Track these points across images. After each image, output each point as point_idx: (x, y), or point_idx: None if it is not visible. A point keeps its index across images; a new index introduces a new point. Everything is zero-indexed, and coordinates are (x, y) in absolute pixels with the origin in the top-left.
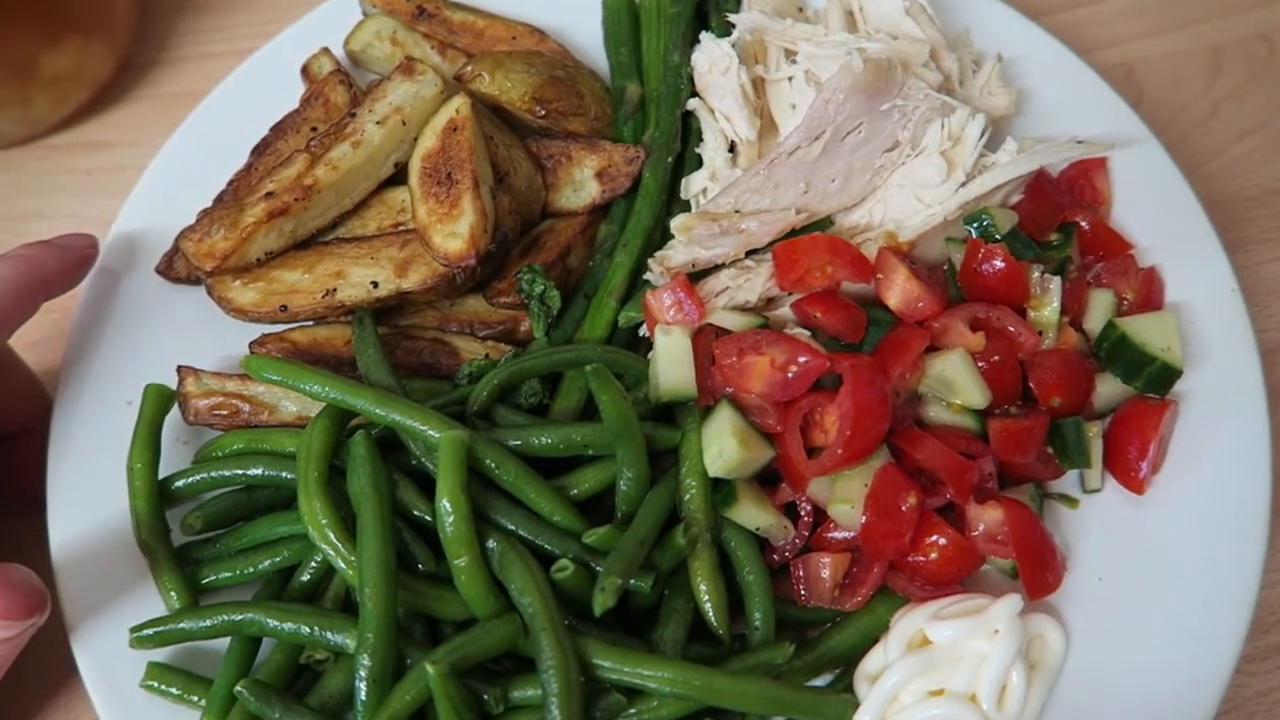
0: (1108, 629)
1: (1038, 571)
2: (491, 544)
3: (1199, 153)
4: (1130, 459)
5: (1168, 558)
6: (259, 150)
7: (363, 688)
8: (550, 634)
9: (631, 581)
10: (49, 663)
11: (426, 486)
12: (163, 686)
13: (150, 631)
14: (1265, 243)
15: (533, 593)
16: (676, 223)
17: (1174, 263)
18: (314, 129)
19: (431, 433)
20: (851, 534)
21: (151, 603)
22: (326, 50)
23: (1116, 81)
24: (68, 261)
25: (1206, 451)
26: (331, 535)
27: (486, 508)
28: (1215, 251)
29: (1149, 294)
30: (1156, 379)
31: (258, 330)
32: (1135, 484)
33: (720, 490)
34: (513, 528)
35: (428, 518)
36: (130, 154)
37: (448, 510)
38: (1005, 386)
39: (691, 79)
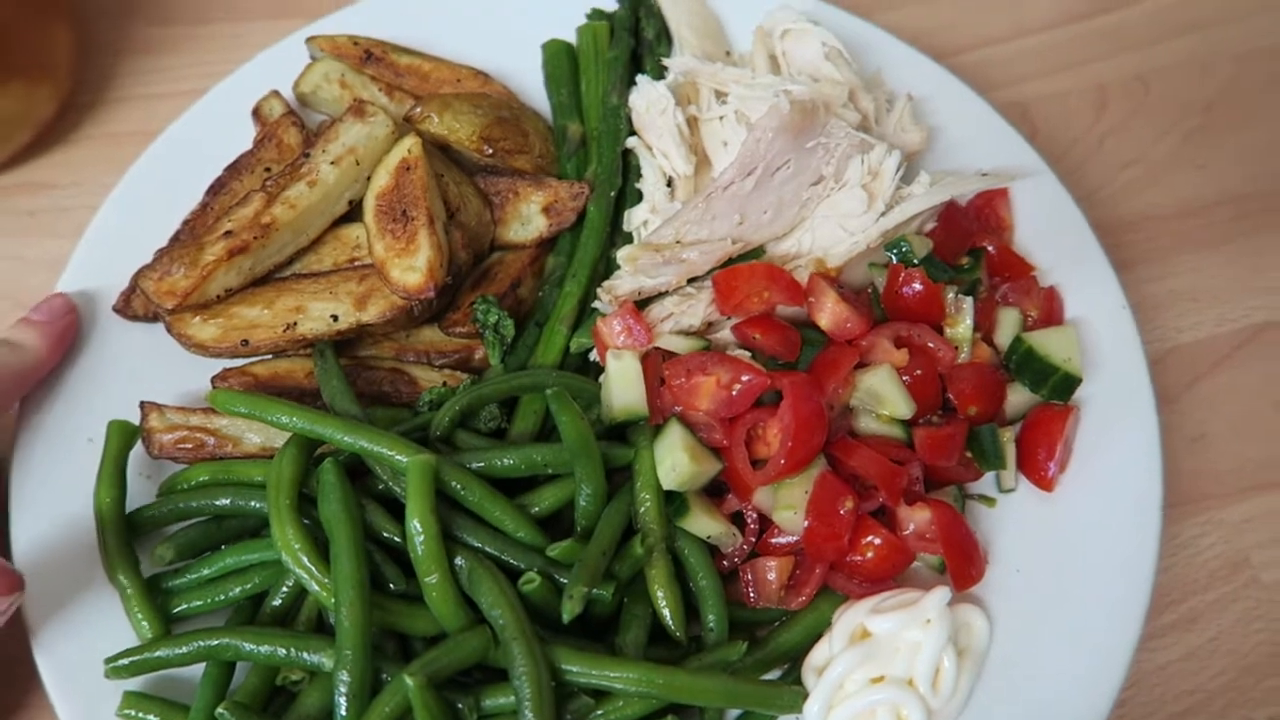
0: (1026, 615)
1: (963, 565)
2: (460, 561)
3: (1088, 182)
4: (1040, 460)
5: (1075, 549)
6: (214, 190)
7: (343, 703)
8: (522, 642)
9: (595, 591)
10: (22, 699)
11: (394, 509)
12: (140, 715)
13: (126, 661)
14: (1148, 262)
15: (503, 605)
16: (622, 254)
17: (1071, 282)
18: (268, 169)
19: (399, 457)
20: (794, 538)
21: (124, 634)
22: (276, 93)
23: (1014, 117)
24: (53, 339)
25: (1105, 451)
26: (305, 559)
27: (453, 527)
28: (1106, 271)
29: (1050, 310)
30: (1060, 387)
31: (217, 365)
32: (1045, 482)
33: (673, 502)
34: (479, 545)
35: (397, 539)
36: (73, 194)
37: (418, 530)
38: (928, 397)
39: (629, 119)
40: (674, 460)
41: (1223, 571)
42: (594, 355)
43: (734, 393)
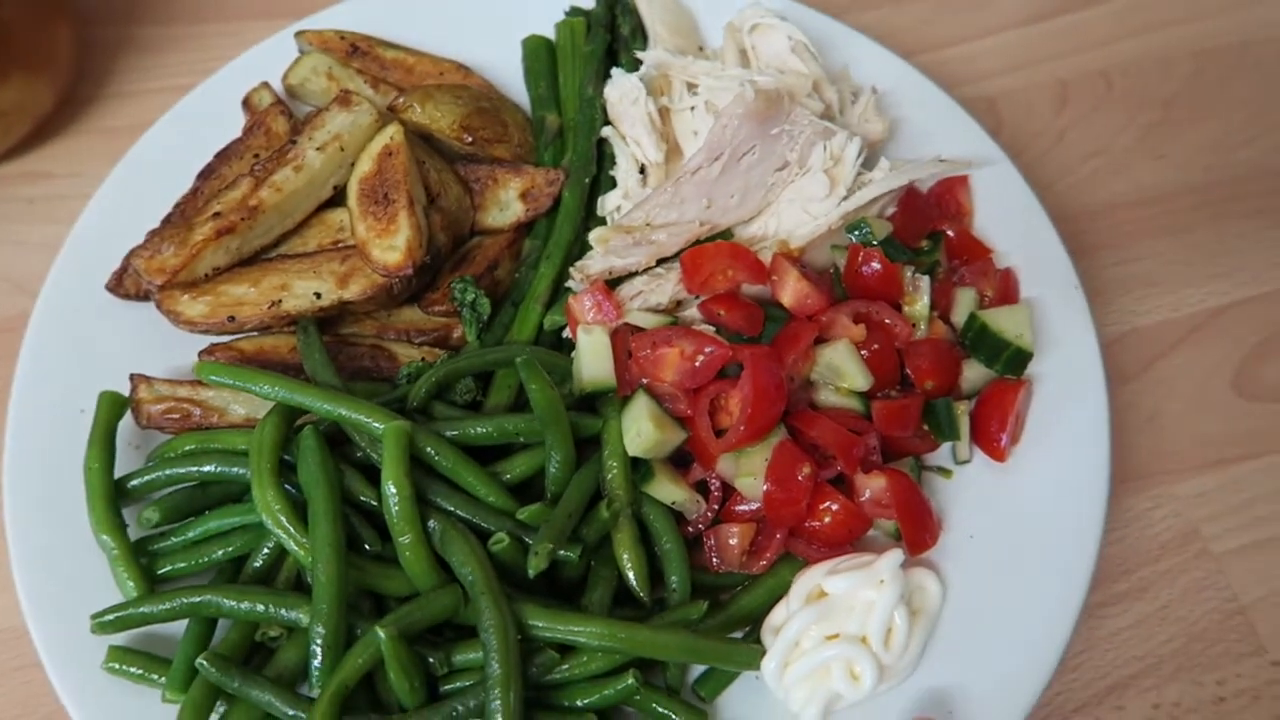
0: (978, 579)
1: (917, 531)
2: (432, 524)
3: (1049, 173)
4: (993, 432)
5: (1027, 517)
6: (204, 175)
7: (318, 654)
8: (490, 598)
9: (561, 552)
10: (14, 660)
11: (372, 475)
12: (124, 667)
13: (111, 617)
14: (1108, 249)
15: (473, 563)
16: (594, 235)
17: (1026, 265)
18: (257, 155)
19: (375, 424)
20: (756, 506)
21: (111, 596)
22: (266, 84)
23: (979, 112)
24: None
25: (1057, 426)
26: (284, 520)
27: (427, 492)
28: (1060, 255)
29: (1006, 291)
30: (1012, 361)
31: (205, 342)
32: (998, 453)
33: (639, 470)
34: (452, 509)
35: (373, 503)
36: (71, 184)
37: (393, 493)
38: (885, 372)
39: (604, 109)
40: (639, 428)
41: (1174, 543)
42: (567, 333)
43: (697, 364)
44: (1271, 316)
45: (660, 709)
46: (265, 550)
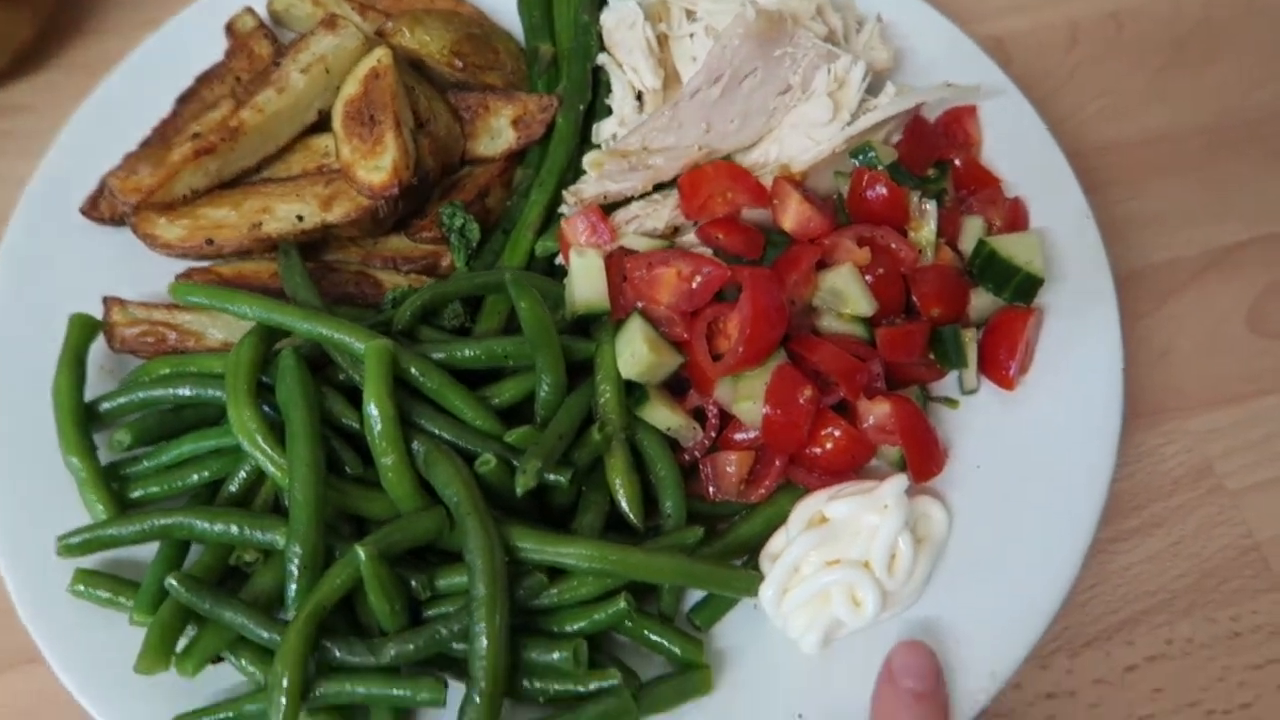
0: (985, 510)
1: (922, 457)
2: (416, 446)
3: (1059, 110)
4: (1001, 359)
5: (1036, 449)
6: (184, 99)
7: (294, 574)
8: (475, 518)
9: (550, 475)
10: None
11: (354, 398)
12: (91, 590)
13: (78, 539)
14: (1118, 185)
15: (457, 483)
16: (589, 159)
17: (1036, 196)
18: (238, 78)
19: (357, 344)
20: (754, 434)
21: (80, 521)
22: (250, 9)
23: (989, 50)
24: None
25: (1068, 356)
26: (261, 440)
27: (412, 414)
28: (1071, 184)
29: (1015, 220)
30: (1022, 288)
31: (183, 268)
32: (1006, 381)
33: (633, 395)
34: (437, 431)
35: (355, 425)
36: (49, 117)
37: (374, 413)
38: (890, 298)
39: (600, 36)
40: (634, 349)
41: (1186, 479)
42: (559, 260)
43: (694, 285)
44: None
45: (653, 636)
46: (242, 474)
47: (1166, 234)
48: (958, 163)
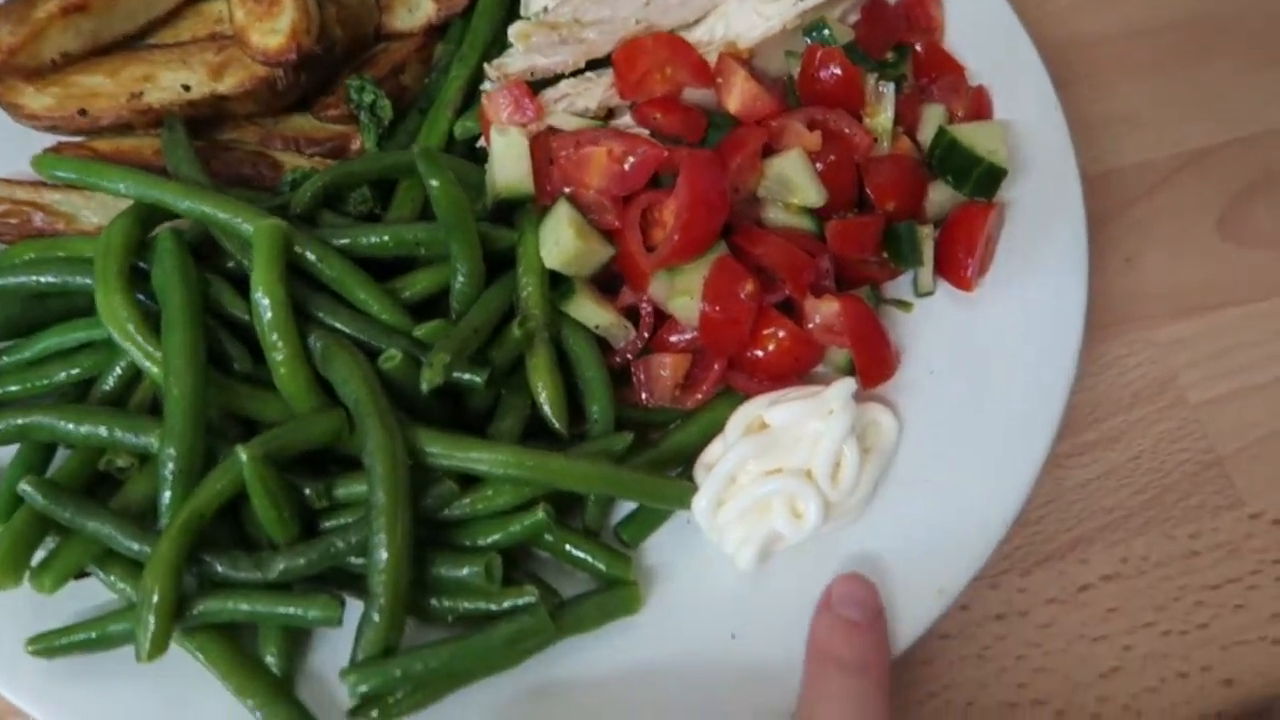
0: (937, 419)
1: (872, 361)
2: (314, 340)
3: (1026, 1)
4: (959, 258)
5: (992, 355)
6: None
7: (169, 479)
8: (375, 418)
9: (464, 375)
10: None
11: (244, 288)
12: None
13: None
14: (1089, 82)
15: (356, 380)
16: (514, 30)
17: (1001, 86)
18: None
19: (245, 224)
20: (691, 335)
21: None
22: None
23: None
24: None
25: (1030, 257)
26: (133, 330)
27: (309, 305)
28: (1039, 74)
29: (978, 110)
30: (983, 181)
31: (53, 143)
32: (963, 282)
33: (559, 289)
34: (337, 325)
35: (244, 316)
36: None
37: (264, 300)
38: (841, 188)
39: None
40: (558, 236)
41: (1148, 391)
42: (481, 143)
43: (627, 167)
44: (1261, 159)
45: (576, 551)
46: (117, 371)
47: (1136, 135)
48: (918, 48)
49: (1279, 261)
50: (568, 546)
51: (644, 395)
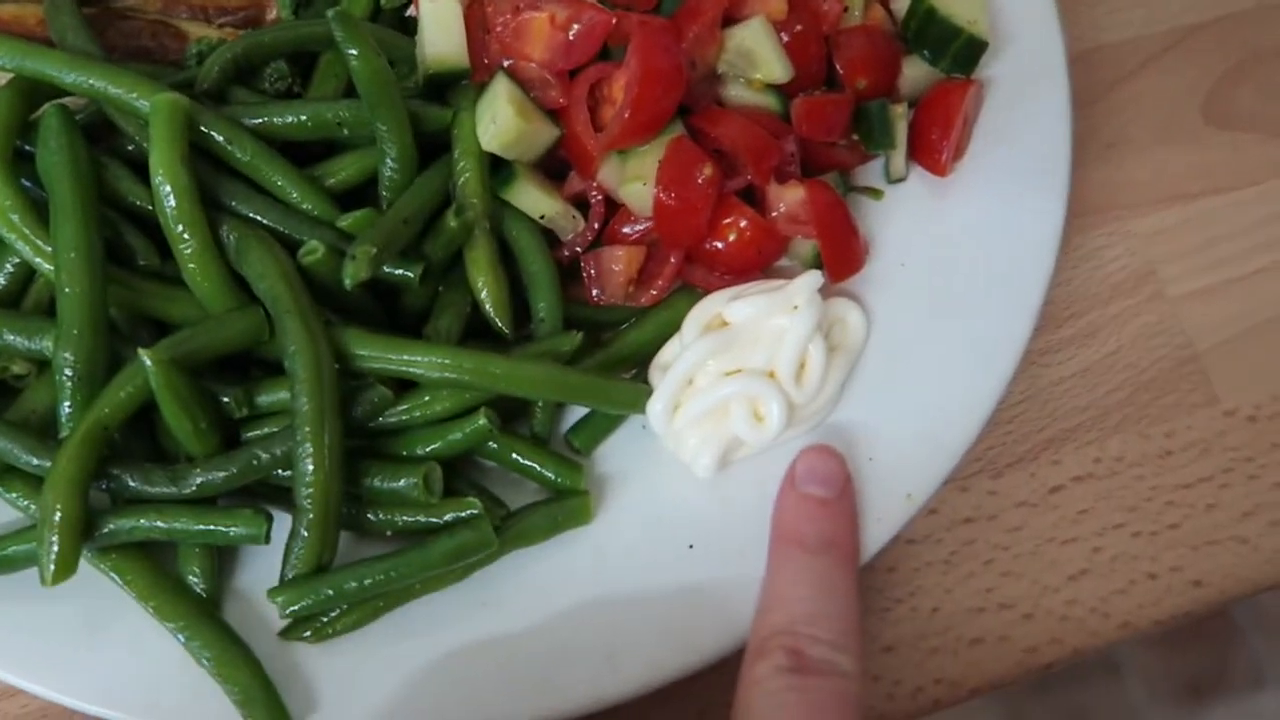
0: (908, 314)
1: (840, 252)
2: (227, 233)
3: None
4: (934, 141)
5: (967, 246)
6: None
7: (68, 387)
8: (295, 316)
9: (397, 270)
10: None
11: (146, 174)
12: None
13: None
14: None
15: (273, 274)
16: None
17: None
18: None
19: (141, 100)
20: (646, 225)
21: None
22: None
23: None
24: None
25: (1009, 139)
26: (17, 220)
27: (220, 193)
28: None
29: None
30: (962, 54)
31: None
32: (938, 167)
33: (500, 175)
34: (253, 215)
35: (149, 206)
36: None
37: (165, 186)
38: (809, 61)
39: None
40: (495, 112)
41: (1127, 284)
42: (411, 10)
43: (571, 35)
44: (1254, 36)
45: (522, 459)
46: (7, 268)
47: (1123, 9)
48: None
49: (1265, 145)
50: (514, 455)
51: (594, 292)
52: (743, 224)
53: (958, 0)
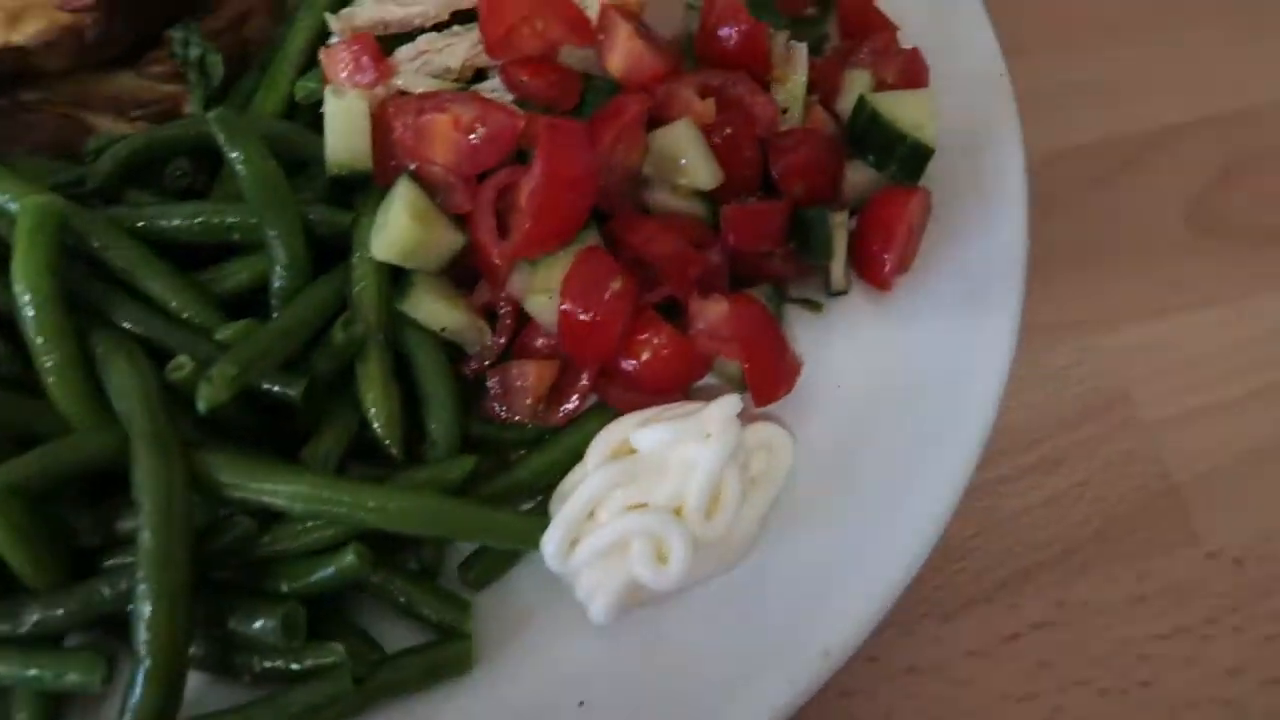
0: (842, 440)
1: (766, 373)
2: (95, 343)
3: None
4: (876, 253)
5: (910, 364)
6: None
7: None
8: (146, 441)
9: (274, 388)
10: None
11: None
12: None
13: None
14: (1048, 49)
15: (132, 393)
16: None
17: (938, 48)
18: None
19: (10, 202)
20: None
21: None
22: None
23: None
24: None
25: (958, 251)
26: None
27: (96, 300)
28: (984, 33)
29: (911, 78)
30: (908, 160)
31: None
32: (881, 280)
33: (401, 285)
34: (129, 325)
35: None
36: None
37: (25, 295)
38: (740, 166)
39: None
40: (389, 221)
41: (1097, 407)
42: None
43: (474, 138)
44: (1244, 138)
45: (403, 598)
46: None
47: (1101, 109)
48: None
49: (1251, 255)
50: (393, 591)
51: (500, 409)
52: (658, 341)
53: (904, 103)
